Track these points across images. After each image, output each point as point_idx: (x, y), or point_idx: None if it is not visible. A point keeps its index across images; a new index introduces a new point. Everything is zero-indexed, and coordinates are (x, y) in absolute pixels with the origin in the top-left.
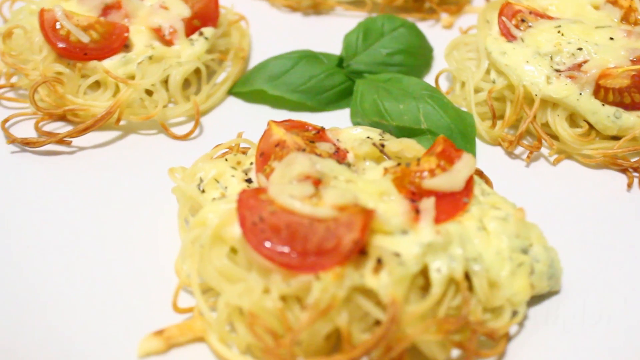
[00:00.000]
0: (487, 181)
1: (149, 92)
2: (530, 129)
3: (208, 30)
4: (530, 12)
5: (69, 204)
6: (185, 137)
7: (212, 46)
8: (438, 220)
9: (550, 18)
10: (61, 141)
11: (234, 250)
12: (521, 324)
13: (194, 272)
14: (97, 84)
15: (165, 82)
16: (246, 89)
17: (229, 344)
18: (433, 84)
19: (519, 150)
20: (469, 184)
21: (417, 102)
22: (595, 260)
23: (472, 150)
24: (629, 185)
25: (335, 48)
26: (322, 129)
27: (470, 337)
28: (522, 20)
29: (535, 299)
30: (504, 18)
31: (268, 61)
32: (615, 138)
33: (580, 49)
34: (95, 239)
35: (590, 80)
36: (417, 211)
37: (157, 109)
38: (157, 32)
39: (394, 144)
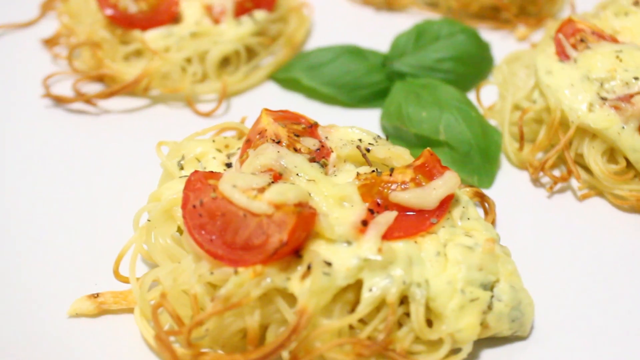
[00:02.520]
0: (489, 206)
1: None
2: (565, 158)
3: (260, 14)
4: (593, 33)
5: (71, 158)
6: (208, 114)
7: (261, 29)
8: (392, 236)
9: (615, 41)
10: (88, 101)
11: (181, 230)
12: None
13: (138, 243)
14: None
15: (203, 57)
16: (283, 75)
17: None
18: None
19: (548, 179)
20: (444, 204)
21: (442, 111)
22: (588, 316)
23: (491, 170)
24: None
25: None
26: (316, 124)
27: None
28: (582, 40)
29: (496, 341)
30: (560, 35)
31: (312, 51)
32: None
33: (637, 78)
34: (79, 194)
35: (637, 114)
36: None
37: (184, 83)
38: (209, 10)
39: (382, 151)
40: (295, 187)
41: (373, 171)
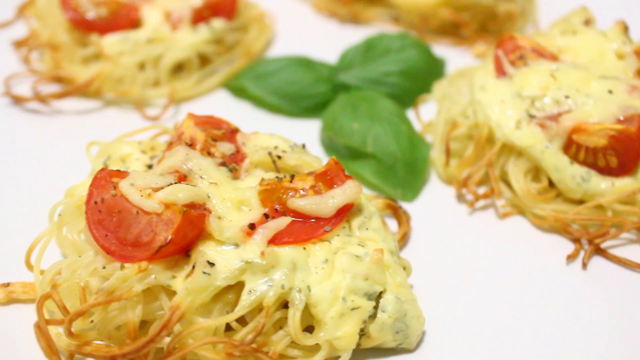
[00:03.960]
0: (400, 219)
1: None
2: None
3: (218, 22)
4: (534, 50)
5: (16, 154)
6: (155, 119)
7: (218, 38)
8: (281, 241)
9: (555, 59)
10: (43, 101)
11: None
12: None
13: (49, 236)
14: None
15: (156, 62)
16: (233, 83)
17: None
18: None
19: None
20: (342, 213)
21: (373, 124)
22: (484, 336)
23: (415, 184)
24: (569, 257)
25: None
26: (236, 130)
27: None
28: (521, 57)
29: (382, 352)
30: (499, 52)
31: (263, 60)
32: (584, 201)
33: (567, 96)
34: (12, 186)
35: (561, 133)
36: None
37: (135, 87)
38: (168, 17)
39: (292, 158)
40: (190, 189)
41: (277, 177)
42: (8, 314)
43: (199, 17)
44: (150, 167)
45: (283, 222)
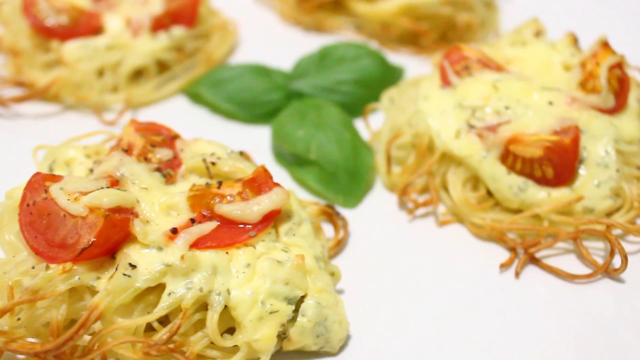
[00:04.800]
0: (336, 225)
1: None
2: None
3: (177, 30)
4: (479, 61)
5: None
6: (112, 124)
7: (178, 45)
8: (205, 245)
9: (501, 70)
10: (2, 104)
11: None
12: None
13: None
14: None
15: (115, 68)
16: (190, 89)
17: None
18: None
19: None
20: (268, 219)
21: (317, 132)
22: (407, 342)
23: (357, 191)
24: (502, 265)
25: None
26: (176, 137)
27: None
28: (466, 68)
29: (305, 354)
30: (445, 62)
31: (220, 68)
32: (521, 210)
33: (507, 107)
34: None
35: (499, 143)
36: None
37: (92, 92)
38: (129, 24)
39: (226, 165)
40: (116, 193)
41: (206, 183)
42: None
43: (160, 24)
44: (92, 170)
45: (207, 227)
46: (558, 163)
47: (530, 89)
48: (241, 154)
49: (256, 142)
